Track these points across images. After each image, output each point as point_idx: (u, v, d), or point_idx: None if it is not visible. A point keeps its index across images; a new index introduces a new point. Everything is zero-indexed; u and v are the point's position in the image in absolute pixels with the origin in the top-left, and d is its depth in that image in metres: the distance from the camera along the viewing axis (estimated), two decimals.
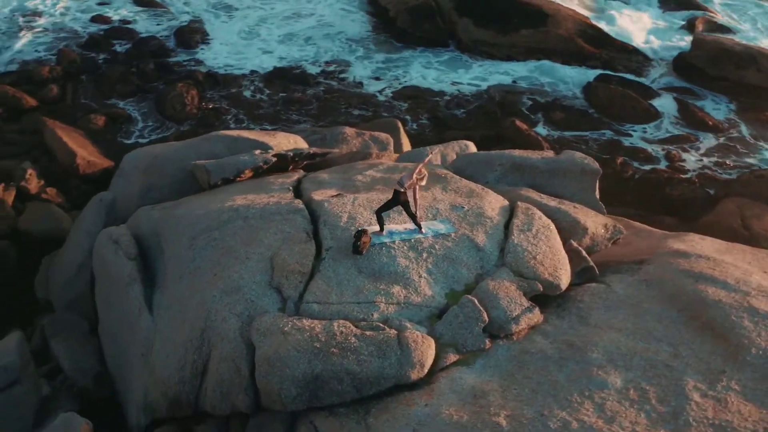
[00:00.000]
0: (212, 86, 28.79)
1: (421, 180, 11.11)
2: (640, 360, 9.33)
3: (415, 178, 10.97)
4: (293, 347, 9.48)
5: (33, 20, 33.60)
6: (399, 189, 11.01)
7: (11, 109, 26.52)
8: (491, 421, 8.43)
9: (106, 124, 26.13)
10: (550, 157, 14.66)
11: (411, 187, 11.03)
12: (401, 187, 10.96)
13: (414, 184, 11.02)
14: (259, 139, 17.58)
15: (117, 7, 34.71)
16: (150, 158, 17.65)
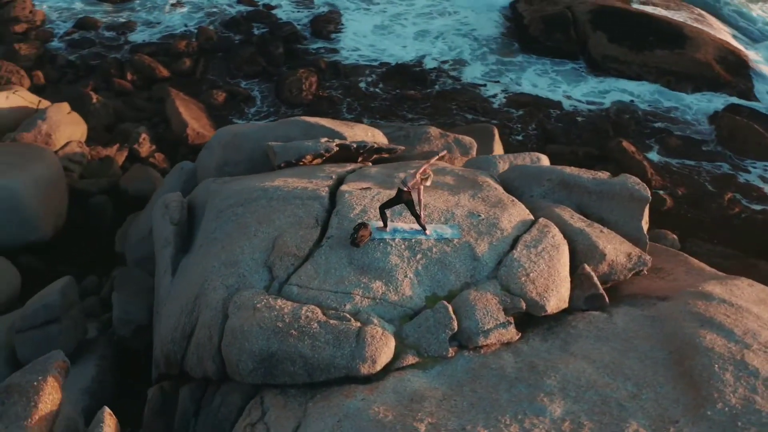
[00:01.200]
0: (333, 75, 29.62)
1: (425, 180, 11.09)
2: (594, 394, 8.91)
3: (419, 178, 10.97)
4: (257, 323, 9.82)
5: None
6: (402, 188, 11.05)
7: (145, 77, 28.53)
8: (412, 425, 8.39)
9: (225, 100, 27.53)
10: (601, 178, 14.12)
11: (415, 186, 11.03)
12: (404, 186, 11.00)
13: (418, 183, 11.02)
14: (334, 128, 17.98)
15: None
16: (231, 135, 18.50)
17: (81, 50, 30.84)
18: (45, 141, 22.11)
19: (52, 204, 19.55)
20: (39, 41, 30.96)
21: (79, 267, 19.11)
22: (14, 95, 23.94)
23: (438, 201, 12.51)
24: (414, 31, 33.51)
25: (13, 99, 23.73)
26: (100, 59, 29.78)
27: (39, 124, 22.23)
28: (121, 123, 25.74)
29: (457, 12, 35.21)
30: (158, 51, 30.44)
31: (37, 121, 22.32)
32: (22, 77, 27.57)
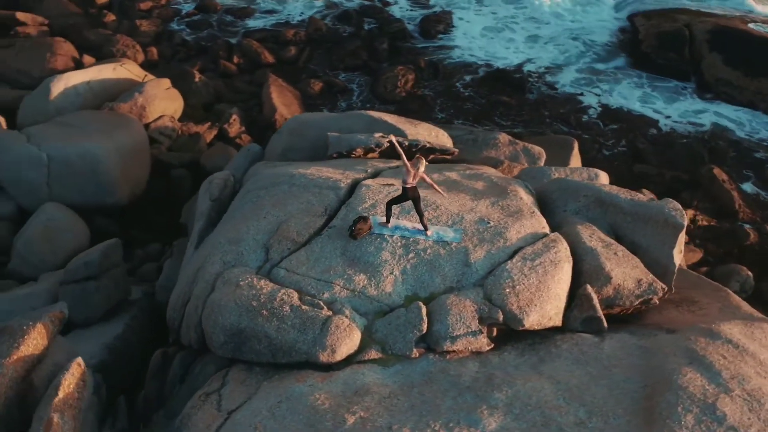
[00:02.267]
0: (431, 75, 29.72)
1: (419, 168, 10.97)
2: (538, 415, 8.68)
3: (412, 171, 10.94)
4: (233, 299, 10.19)
5: None
6: (405, 186, 11.10)
7: (251, 61, 29.66)
8: (342, 416, 8.50)
9: (321, 90, 28.22)
10: (639, 200, 13.60)
11: (416, 178, 11.01)
12: (406, 184, 11.04)
13: (415, 175, 10.99)
14: (397, 124, 18.14)
15: None
16: (298, 122, 19.04)
17: (197, 31, 32.40)
18: (139, 113, 23.47)
19: (132, 172, 20.71)
20: (160, 20, 32.77)
21: (148, 234, 20.20)
22: (121, 68, 25.50)
23: (453, 204, 12.45)
24: (523, 35, 33.06)
25: (119, 71, 25.30)
26: (212, 41, 31.08)
27: (136, 96, 23.60)
28: (219, 103, 26.84)
29: (572, 20, 34.39)
30: (268, 37, 31.51)
31: (134, 93, 23.72)
32: (137, 52, 29.29)
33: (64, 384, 9.04)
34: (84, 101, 23.72)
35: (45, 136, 20.06)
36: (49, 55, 27.45)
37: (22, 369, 9.55)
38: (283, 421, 8.53)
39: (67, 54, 27.92)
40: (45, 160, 19.27)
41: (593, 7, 34.81)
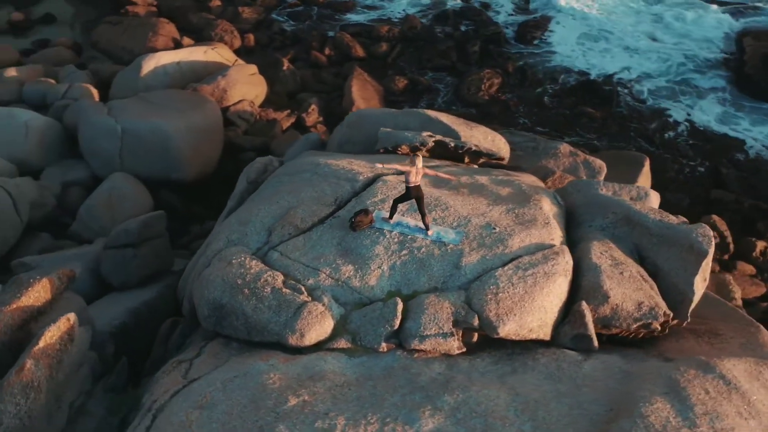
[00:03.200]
0: (518, 81, 29.42)
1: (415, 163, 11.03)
2: (480, 423, 8.58)
3: (411, 169, 11.00)
4: (221, 276, 10.61)
5: None
6: (408, 185, 11.20)
7: (341, 54, 30.26)
8: (286, 397, 8.74)
9: (405, 88, 28.46)
10: (668, 221, 13.11)
11: (417, 176, 11.07)
12: (408, 183, 11.14)
13: (417, 172, 11.05)
14: (452, 125, 18.14)
15: None
16: (358, 116, 19.37)
17: (297, 22, 33.29)
18: (220, 95, 24.43)
19: (202, 150, 21.62)
20: (263, 8, 33.86)
21: (209, 211, 20.99)
22: (212, 51, 26.61)
23: (465, 207, 12.42)
24: (621, 45, 32.08)
25: (210, 54, 26.41)
26: (308, 32, 31.85)
27: (219, 79, 24.59)
28: (303, 93, 27.53)
29: (676, 33, 33.10)
30: (362, 32, 31.99)
31: (218, 76, 24.72)
32: (234, 37, 30.41)
33: (46, 335, 9.64)
34: (172, 80, 24.90)
35: (124, 110, 21.23)
36: (151, 35, 28.94)
37: (20, 318, 10.24)
38: (230, 394, 8.84)
39: (168, 35, 29.34)
40: (119, 132, 20.42)
41: (701, 21, 33.33)
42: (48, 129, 21.61)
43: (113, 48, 29.43)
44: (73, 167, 21.24)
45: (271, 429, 8.26)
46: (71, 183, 20.55)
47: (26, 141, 20.93)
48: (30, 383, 9.12)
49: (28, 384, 9.09)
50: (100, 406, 10.74)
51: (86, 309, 12.03)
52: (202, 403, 8.74)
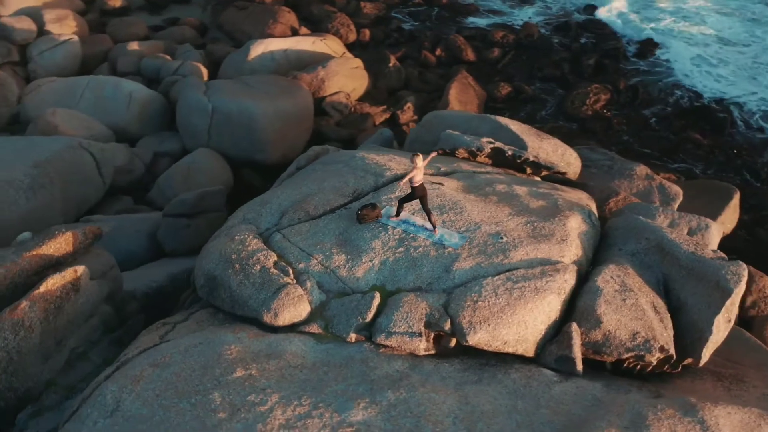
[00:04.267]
0: (628, 99, 28.44)
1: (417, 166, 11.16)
2: (411, 423, 8.50)
3: (414, 170, 11.14)
4: (219, 250, 11.17)
5: None
6: (412, 185, 11.35)
7: (452, 56, 30.43)
8: (234, 368, 9.10)
9: (508, 95, 28.25)
10: (700, 254, 12.49)
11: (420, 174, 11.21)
12: (412, 183, 11.29)
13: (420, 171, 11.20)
14: (521, 134, 17.96)
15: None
16: (433, 117, 19.56)
17: (415, 21, 33.67)
18: (318, 85, 25.21)
19: (288, 135, 22.41)
20: (386, 5, 34.48)
21: None
22: (321, 42, 27.44)
23: (481, 213, 12.35)
24: (747, 71, 30.35)
25: (318, 45, 27.25)
26: (424, 32, 32.15)
27: (318, 70, 25.37)
28: (404, 90, 27.89)
29: None
30: (476, 35, 31.94)
31: (318, 67, 25.47)
32: (350, 31, 31.18)
33: (48, 282, 10.50)
34: (277, 67, 25.92)
35: (220, 90, 22.35)
36: (271, 22, 30.14)
37: (37, 265, 11.16)
38: (187, 359, 9.31)
39: (287, 23, 30.45)
40: (209, 110, 21.52)
41: None
42: (150, 101, 23.08)
43: (235, 31, 30.86)
44: (167, 139, 22.57)
45: (207, 394, 8.65)
46: (162, 153, 21.85)
47: (127, 111, 22.47)
48: (21, 322, 9.96)
49: (19, 322, 9.93)
50: (100, 356, 11.51)
51: (114, 267, 12.87)
52: (159, 363, 9.25)
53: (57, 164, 16.99)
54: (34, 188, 15.94)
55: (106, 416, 8.51)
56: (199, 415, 8.32)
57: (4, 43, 25.64)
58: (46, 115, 20.19)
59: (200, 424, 8.20)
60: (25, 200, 15.69)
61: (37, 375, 10.43)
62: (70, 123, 20.30)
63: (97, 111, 22.22)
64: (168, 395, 8.66)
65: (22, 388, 10.15)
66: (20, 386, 10.14)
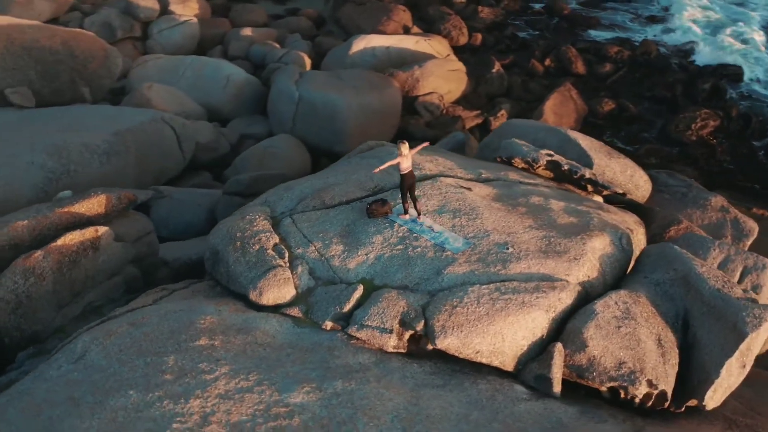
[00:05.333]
0: (739, 128, 26.94)
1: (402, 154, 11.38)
2: (348, 414, 8.57)
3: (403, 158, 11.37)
4: (227, 226, 11.79)
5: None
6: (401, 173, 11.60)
7: (561, 68, 30.06)
8: (198, 336, 9.54)
9: (610, 112, 27.47)
10: (726, 292, 11.83)
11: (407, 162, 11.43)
12: (401, 171, 11.50)
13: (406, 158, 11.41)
14: (588, 150, 17.55)
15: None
16: (508, 125, 19.54)
17: (532, 29, 33.25)
18: (412, 84, 25.53)
19: (369, 130, 22.79)
20: (504, 11, 34.35)
21: None
22: (425, 42, 27.73)
23: (497, 221, 12.23)
24: None
25: (421, 45, 27.55)
26: (537, 41, 31.74)
27: (414, 69, 25.67)
28: (503, 97, 27.71)
29: None
30: (590, 48, 31.17)
31: (414, 66, 25.75)
32: (461, 34, 31.26)
33: (66, 237, 11.39)
34: (377, 63, 26.43)
35: (310, 80, 23.10)
36: (384, 19, 30.71)
37: (67, 221, 12.14)
38: (162, 322, 9.87)
39: (400, 21, 30.92)
40: (296, 98, 22.29)
41: None
42: (246, 85, 24.13)
43: (350, 26, 31.63)
44: (257, 123, 23.55)
45: (163, 356, 9.16)
46: (248, 135, 22.82)
47: (223, 92, 23.61)
48: (32, 269, 10.87)
49: (30, 269, 10.84)
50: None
51: (151, 233, 13.75)
52: (136, 322, 9.87)
53: (136, 134, 18.12)
54: (109, 154, 17.09)
55: (71, 362, 9.18)
56: (147, 374, 8.82)
57: (128, 19, 27.53)
58: (142, 88, 21.57)
59: (145, 381, 8.69)
60: (99, 164, 16.87)
61: (47, 321, 11.32)
62: (164, 98, 21.59)
63: (196, 90, 23.47)
64: (129, 352, 9.22)
65: (29, 330, 11.05)
66: (28, 328, 11.05)
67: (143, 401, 8.37)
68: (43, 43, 20.05)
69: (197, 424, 8.17)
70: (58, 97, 20.29)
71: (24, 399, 8.69)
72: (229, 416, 8.36)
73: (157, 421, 8.13)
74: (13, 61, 19.51)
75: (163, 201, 17.47)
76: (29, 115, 18.41)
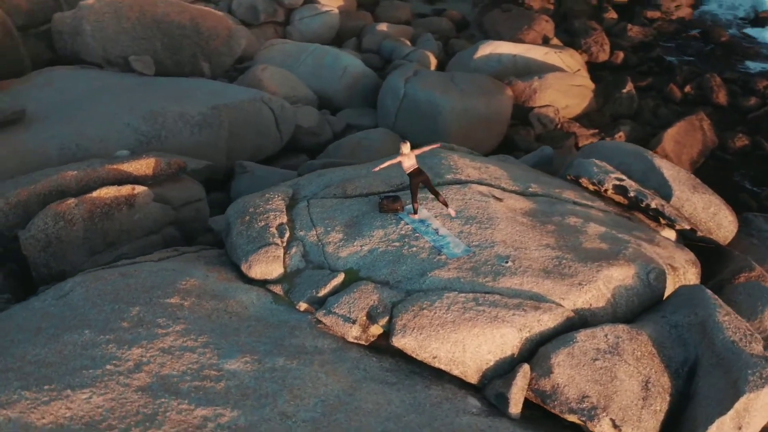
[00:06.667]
0: None
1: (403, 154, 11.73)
2: (274, 388, 8.89)
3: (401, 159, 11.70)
4: (244, 201, 12.58)
5: None
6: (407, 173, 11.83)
7: (701, 96, 28.33)
8: (171, 294, 10.19)
9: (742, 147, 25.60)
10: (738, 345, 10.94)
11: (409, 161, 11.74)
12: (405, 171, 11.73)
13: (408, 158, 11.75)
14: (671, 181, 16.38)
15: None
16: (595, 145, 19.12)
17: (682, 53, 31.69)
18: (529, 95, 25.26)
19: (471, 134, 22.56)
20: (656, 31, 32.88)
21: None
22: (554, 54, 27.34)
23: (511, 234, 11.97)
24: None
25: (550, 56, 27.22)
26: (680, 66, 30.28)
27: (534, 80, 25.38)
28: (628, 119, 26.74)
29: None
30: (737, 80, 29.18)
31: (534, 77, 25.44)
32: (602, 51, 30.42)
33: (102, 190, 12.53)
34: (502, 69, 26.39)
35: (421, 78, 23.48)
36: (525, 28, 30.54)
37: (113, 177, 13.43)
38: (146, 276, 10.60)
39: (540, 32, 30.58)
40: (401, 95, 22.71)
41: None
42: (363, 77, 24.86)
43: (491, 30, 31.61)
44: (366, 114, 24.22)
45: (130, 305, 9.89)
46: (355, 125, 23.52)
47: (339, 82, 24.47)
48: (63, 214, 12.04)
49: (60, 214, 12.02)
50: None
51: (202, 200, 14.74)
52: (126, 273, 10.73)
53: (233, 111, 19.25)
54: (201, 125, 18.31)
55: (55, 298, 10.17)
56: (108, 319, 9.61)
57: (273, 4, 29.08)
58: (257, 69, 22.80)
59: (103, 325, 9.48)
60: (190, 134, 18.13)
61: (76, 263, 12.48)
62: (276, 80, 22.71)
63: (313, 77, 24.48)
64: (105, 298, 10.06)
65: (57, 269, 12.25)
66: (55, 266, 12.25)
67: (92, 341, 9.14)
68: (172, 17, 21.73)
69: (128, 369, 8.82)
70: (178, 68, 21.90)
71: (4, 322, 9.75)
72: (161, 368, 8.95)
73: (95, 360, 8.86)
74: (143, 32, 21.29)
75: (245, 175, 18.47)
76: (144, 81, 20.05)
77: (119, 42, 21.15)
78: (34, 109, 17.47)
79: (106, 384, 8.56)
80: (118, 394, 8.47)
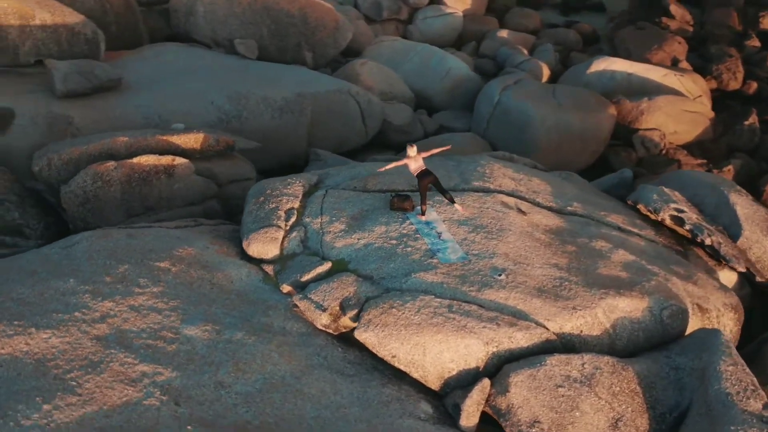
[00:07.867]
0: None
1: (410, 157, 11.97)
2: (224, 358, 9.23)
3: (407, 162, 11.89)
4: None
5: None
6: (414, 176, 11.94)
7: None
8: (163, 259, 10.84)
9: None
10: (730, 399, 10.18)
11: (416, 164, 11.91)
12: (413, 173, 11.82)
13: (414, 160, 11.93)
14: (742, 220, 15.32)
15: None
16: (673, 174, 18.42)
17: None
18: (636, 116, 24.34)
19: (562, 150, 21.89)
20: None
21: None
22: (674, 77, 26.15)
23: (517, 249, 11.70)
24: None
25: (669, 79, 26.07)
26: None
27: (643, 101, 24.38)
28: (745, 153, 25.19)
29: None
30: None
31: (644, 98, 24.49)
32: (734, 79, 28.68)
33: (141, 158, 13.44)
34: (614, 86, 25.59)
35: (519, 87, 23.20)
36: (655, 47, 29.44)
37: (161, 147, 14.25)
38: (149, 241, 11.28)
39: (670, 53, 29.37)
40: (494, 102, 22.59)
41: None
42: (465, 81, 24.88)
43: (621, 47, 30.57)
44: (462, 118, 24.22)
45: (119, 263, 10.58)
46: (448, 127, 23.57)
47: (440, 83, 24.64)
48: (101, 175, 13.06)
49: (98, 174, 13.04)
50: None
51: (250, 180, 15.39)
52: (133, 234, 11.52)
53: (317, 100, 19.87)
54: (283, 110, 19.07)
55: (63, 248, 11.09)
56: (95, 272, 10.38)
57: (398, 2, 29.56)
58: (356, 63, 23.35)
59: (88, 276, 10.25)
60: (270, 117, 18.94)
61: (113, 221, 13.48)
62: (373, 75, 23.16)
63: (417, 76, 24.77)
64: (103, 254, 10.87)
65: (93, 225, 13.28)
66: (92, 222, 13.30)
67: (71, 289, 9.94)
68: (282, 5, 22.69)
69: (93, 319, 9.53)
70: (281, 55, 22.84)
71: (14, 262, 10.78)
72: (123, 323, 9.59)
73: (68, 306, 9.62)
74: (252, 17, 22.39)
75: (318, 163, 19.08)
76: (242, 64, 21.10)
77: (228, 24, 22.33)
78: (133, 78, 18.84)
79: (68, 329, 9.28)
80: (75, 339, 9.16)
